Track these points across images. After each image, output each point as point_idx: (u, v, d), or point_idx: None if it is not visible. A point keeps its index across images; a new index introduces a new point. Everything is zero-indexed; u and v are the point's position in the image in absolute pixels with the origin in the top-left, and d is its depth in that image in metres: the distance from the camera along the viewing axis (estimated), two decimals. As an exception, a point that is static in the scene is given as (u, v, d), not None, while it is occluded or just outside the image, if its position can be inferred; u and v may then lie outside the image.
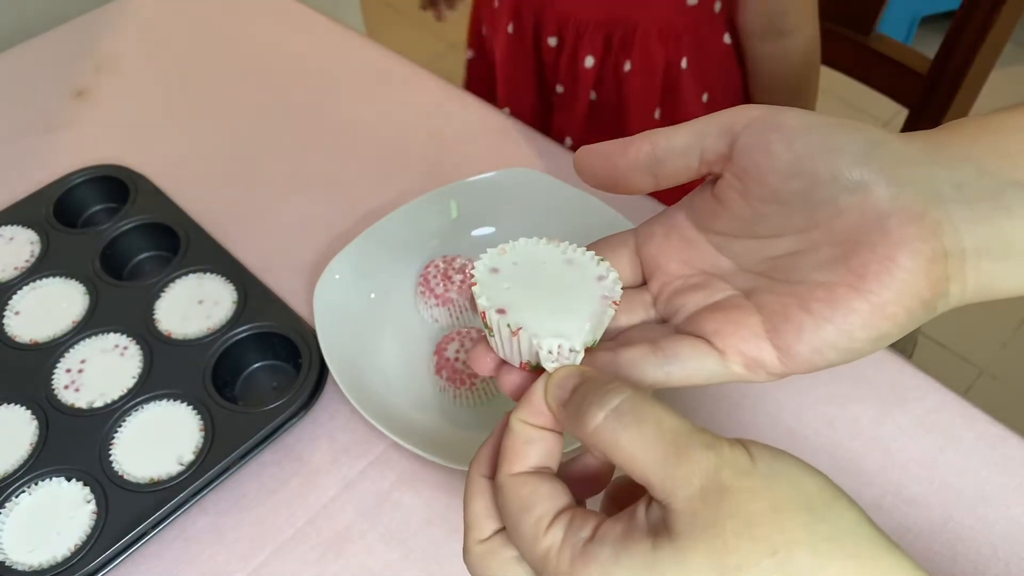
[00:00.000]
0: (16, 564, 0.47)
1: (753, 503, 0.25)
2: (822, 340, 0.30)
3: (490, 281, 0.32)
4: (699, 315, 0.33)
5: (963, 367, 1.46)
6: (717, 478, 0.25)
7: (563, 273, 0.33)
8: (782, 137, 0.30)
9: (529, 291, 0.32)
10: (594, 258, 0.33)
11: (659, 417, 0.27)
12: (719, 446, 0.26)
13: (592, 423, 0.27)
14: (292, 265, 0.64)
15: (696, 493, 0.25)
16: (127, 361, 0.56)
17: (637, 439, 0.27)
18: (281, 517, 0.51)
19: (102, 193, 0.70)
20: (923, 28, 1.92)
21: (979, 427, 0.53)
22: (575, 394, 0.29)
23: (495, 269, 0.33)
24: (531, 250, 0.33)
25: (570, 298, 0.32)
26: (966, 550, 0.48)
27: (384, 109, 0.78)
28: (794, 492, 0.26)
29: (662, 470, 0.26)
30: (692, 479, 0.25)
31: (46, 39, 0.88)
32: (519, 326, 0.30)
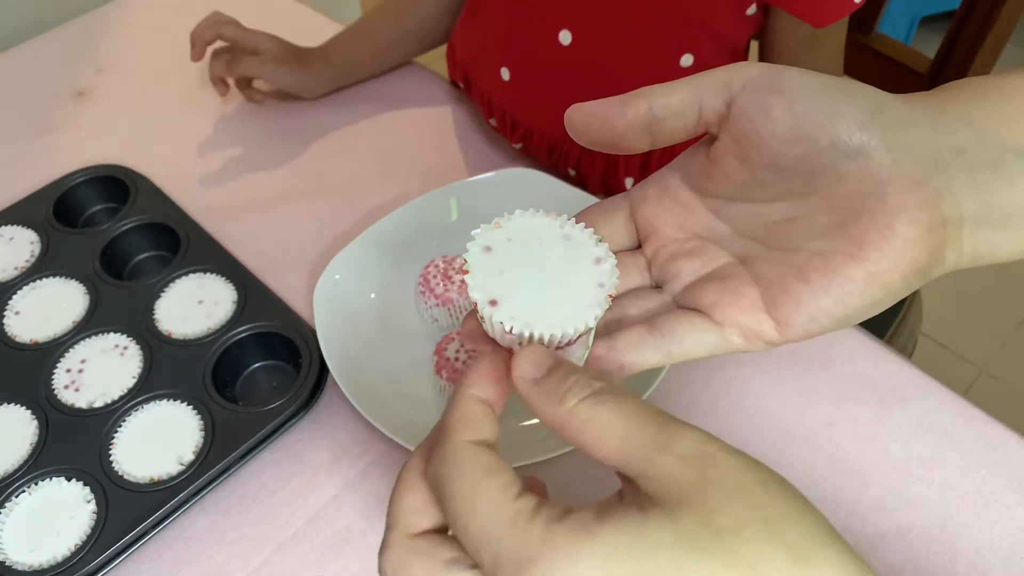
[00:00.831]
0: (16, 564, 0.47)
1: (739, 474, 0.24)
2: (819, 309, 0.30)
3: (483, 264, 0.31)
4: (696, 286, 0.33)
5: (963, 367, 1.46)
6: (703, 447, 0.25)
7: (560, 254, 0.31)
8: (782, 100, 0.29)
9: (523, 276, 0.31)
10: (592, 236, 0.31)
11: (639, 400, 0.27)
12: (697, 428, 0.25)
13: (571, 401, 0.26)
14: (292, 265, 0.64)
15: (680, 458, 0.24)
16: (127, 361, 0.56)
17: (617, 412, 0.26)
18: (281, 517, 0.51)
19: (102, 193, 0.70)
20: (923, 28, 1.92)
21: (979, 427, 0.53)
22: (552, 374, 0.28)
23: (488, 248, 0.31)
24: (527, 224, 0.32)
25: (565, 286, 0.30)
26: (966, 550, 0.48)
27: (384, 109, 0.78)
28: (778, 481, 0.25)
29: (641, 441, 0.25)
30: (675, 446, 0.24)
31: (46, 39, 0.88)
32: (511, 323, 0.29)
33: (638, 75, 0.67)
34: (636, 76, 0.67)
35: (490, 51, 0.72)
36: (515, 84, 0.71)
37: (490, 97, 0.74)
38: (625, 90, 0.67)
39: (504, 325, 0.29)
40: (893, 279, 0.29)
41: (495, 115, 0.74)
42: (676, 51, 0.65)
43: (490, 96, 0.74)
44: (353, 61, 0.79)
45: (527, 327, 0.29)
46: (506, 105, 0.73)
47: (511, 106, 0.72)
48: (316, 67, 0.77)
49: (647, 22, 0.63)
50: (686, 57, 0.66)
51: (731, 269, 0.32)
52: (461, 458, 0.26)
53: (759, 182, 0.31)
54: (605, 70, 0.67)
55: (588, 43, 0.65)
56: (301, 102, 0.78)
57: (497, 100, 0.73)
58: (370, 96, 0.80)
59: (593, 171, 0.73)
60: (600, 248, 0.31)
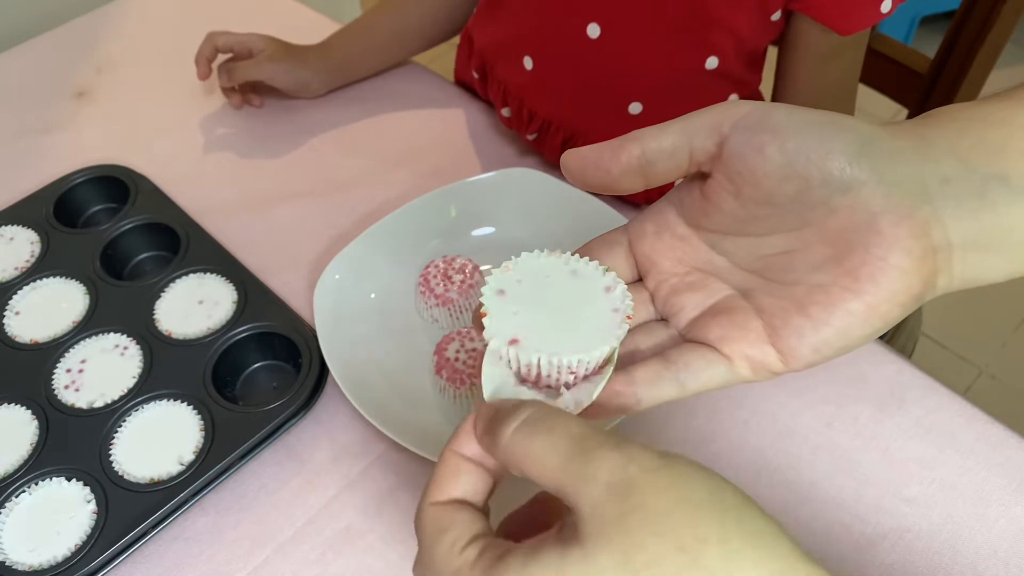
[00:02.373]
0: (16, 564, 0.47)
1: (660, 497, 0.25)
2: (821, 341, 0.31)
3: (499, 307, 0.32)
4: (702, 320, 0.34)
5: (963, 367, 1.46)
6: (624, 474, 0.25)
7: (570, 288, 0.32)
8: (774, 139, 0.30)
9: (539, 313, 0.31)
10: (598, 268, 0.33)
11: (567, 424, 0.27)
12: (627, 446, 0.26)
13: (504, 436, 0.28)
14: (292, 265, 0.64)
15: (602, 490, 0.25)
16: (127, 361, 0.56)
17: (545, 444, 0.27)
18: (281, 517, 0.51)
19: (102, 193, 0.70)
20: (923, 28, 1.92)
21: (979, 427, 0.53)
22: (492, 420, 0.29)
23: (501, 291, 0.32)
24: (534, 264, 0.33)
25: (581, 316, 0.31)
26: (966, 550, 0.48)
27: (384, 109, 0.78)
28: (707, 493, 0.25)
29: (570, 471, 0.26)
30: (599, 475, 0.25)
31: (46, 39, 0.88)
32: (536, 355, 0.30)
33: (663, 76, 0.68)
34: (661, 77, 0.68)
35: (515, 39, 0.71)
36: (537, 74, 0.71)
37: (507, 86, 0.74)
38: (649, 90, 0.68)
39: (533, 360, 0.30)
40: (890, 308, 0.30)
41: (511, 105, 0.74)
42: (702, 53, 0.65)
43: (508, 85, 0.74)
44: (353, 57, 0.79)
45: (554, 356, 0.30)
46: (524, 95, 0.72)
47: (530, 96, 0.72)
48: (314, 63, 0.76)
49: (675, 21, 0.63)
50: (711, 60, 0.66)
51: (733, 302, 0.33)
52: (423, 520, 0.29)
53: (754, 217, 0.32)
54: (630, 67, 0.67)
55: (616, 38, 0.65)
56: (301, 102, 0.78)
57: (515, 90, 0.73)
58: (370, 96, 0.79)
59: None
60: (608, 277, 0.32)
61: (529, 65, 0.71)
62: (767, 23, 0.64)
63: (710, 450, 0.52)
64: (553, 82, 0.71)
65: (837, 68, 0.68)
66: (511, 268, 0.33)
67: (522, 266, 0.33)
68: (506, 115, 0.75)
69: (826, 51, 0.66)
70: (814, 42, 0.65)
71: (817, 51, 0.66)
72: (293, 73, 0.75)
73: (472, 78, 0.80)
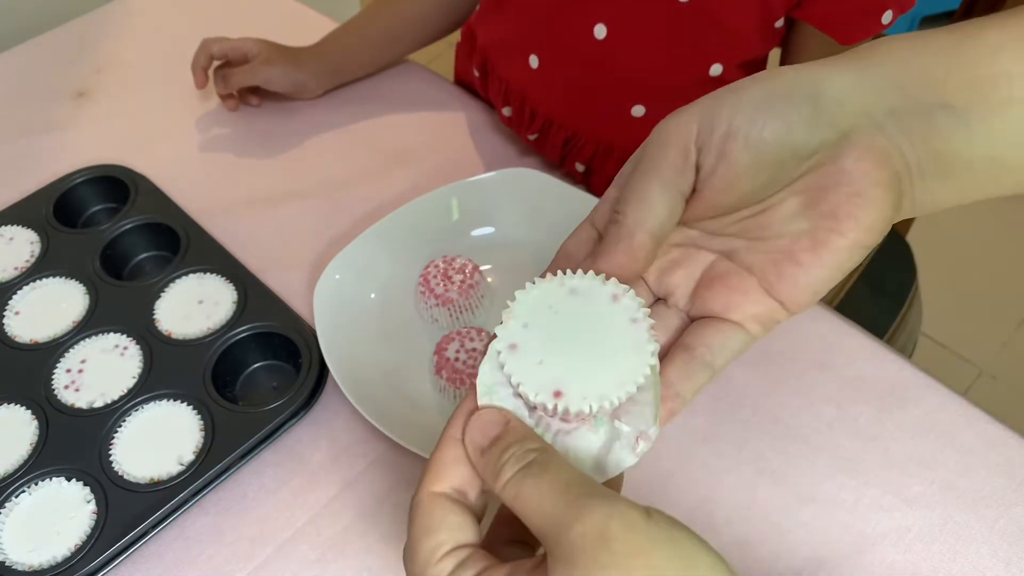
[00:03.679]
0: (16, 564, 0.47)
1: (632, 559, 0.25)
2: (816, 281, 0.32)
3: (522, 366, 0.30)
4: (699, 294, 0.34)
5: (963, 367, 1.46)
6: (603, 527, 0.25)
7: (579, 311, 0.31)
8: (735, 141, 0.30)
9: (564, 356, 0.30)
10: (594, 277, 0.32)
11: (563, 471, 0.27)
12: (615, 500, 0.26)
13: (505, 476, 0.28)
14: (292, 265, 0.64)
15: (579, 538, 0.25)
16: (127, 361, 0.56)
17: (535, 487, 0.27)
18: (281, 517, 0.51)
19: (102, 193, 0.70)
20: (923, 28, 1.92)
21: (979, 427, 0.53)
22: (495, 445, 0.29)
23: (514, 345, 0.31)
24: (532, 300, 0.31)
25: (607, 342, 0.30)
26: (966, 550, 0.48)
27: (384, 109, 0.78)
28: (680, 562, 0.25)
29: (553, 516, 0.26)
30: (578, 524, 0.25)
31: (46, 39, 0.88)
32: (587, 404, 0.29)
33: (667, 80, 0.68)
34: (665, 81, 0.68)
35: (520, 37, 0.71)
36: (543, 72, 0.71)
37: (510, 85, 0.74)
38: (653, 94, 0.68)
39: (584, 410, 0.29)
40: (871, 237, 0.31)
41: (512, 104, 0.74)
42: (706, 59, 0.65)
43: (510, 84, 0.74)
44: (349, 56, 0.79)
45: (604, 400, 0.29)
46: (527, 93, 0.72)
47: (533, 95, 0.72)
48: (309, 64, 0.76)
49: (681, 25, 0.63)
50: (715, 67, 0.66)
51: (721, 266, 0.34)
52: (416, 511, 0.29)
53: (731, 208, 0.33)
54: (635, 70, 0.67)
55: (622, 40, 0.65)
56: (301, 102, 0.78)
57: (518, 88, 0.73)
58: (370, 96, 0.79)
59: (604, 169, 0.73)
60: (609, 285, 0.31)
61: (535, 64, 0.71)
62: (770, 30, 0.65)
63: (710, 450, 0.52)
64: (557, 81, 0.71)
65: None
66: (513, 315, 0.31)
67: (521, 308, 0.31)
68: (507, 114, 0.75)
69: None
70: (816, 50, 0.66)
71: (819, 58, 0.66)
72: (289, 76, 0.75)
73: (472, 76, 0.79)
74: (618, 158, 0.72)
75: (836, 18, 0.61)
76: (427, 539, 0.28)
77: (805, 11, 0.62)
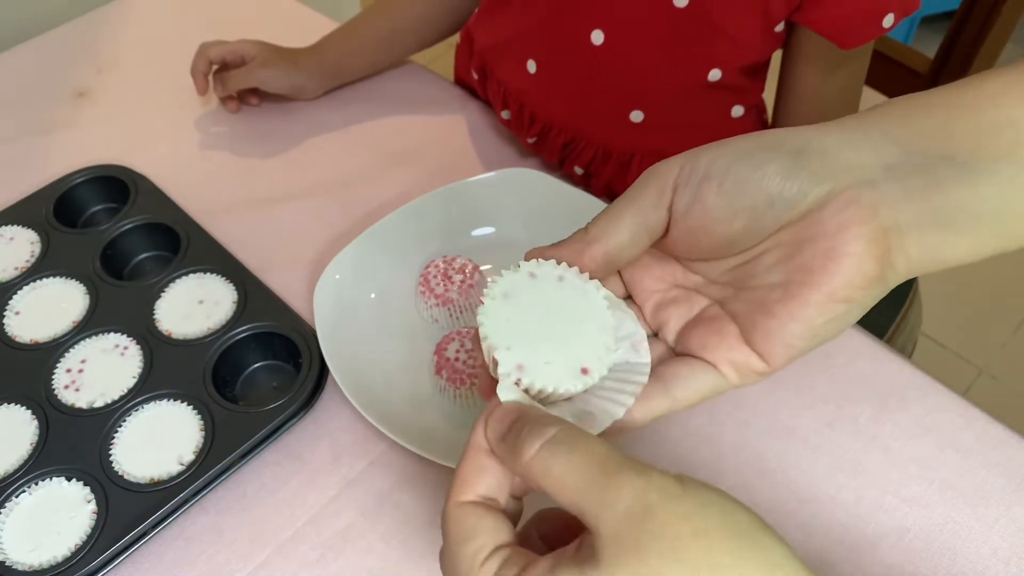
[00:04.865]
0: (16, 564, 0.47)
1: (679, 525, 0.25)
2: (790, 335, 0.32)
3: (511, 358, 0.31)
4: (685, 332, 0.35)
5: (963, 367, 1.46)
6: (644, 499, 0.25)
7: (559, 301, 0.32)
8: (710, 185, 0.31)
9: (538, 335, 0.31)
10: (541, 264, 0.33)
11: (590, 446, 0.27)
12: (649, 472, 0.26)
13: (528, 454, 0.28)
14: (292, 265, 0.64)
15: (622, 514, 0.25)
16: (127, 361, 0.56)
17: (567, 465, 0.27)
18: (281, 517, 0.51)
19: (102, 193, 0.70)
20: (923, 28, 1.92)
21: (979, 427, 0.53)
22: (512, 428, 0.29)
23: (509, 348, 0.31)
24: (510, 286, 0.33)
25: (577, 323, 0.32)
26: (966, 550, 0.48)
27: (384, 109, 0.78)
28: (722, 519, 0.26)
29: (590, 494, 0.26)
30: (618, 501, 0.25)
31: (46, 39, 0.88)
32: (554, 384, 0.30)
33: (665, 86, 0.68)
34: (663, 87, 0.68)
35: (518, 41, 0.71)
36: (540, 77, 0.71)
37: (508, 88, 0.74)
38: (651, 99, 0.69)
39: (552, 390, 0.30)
40: (850, 293, 0.30)
41: (511, 107, 0.74)
42: (705, 64, 0.65)
43: (508, 87, 0.74)
44: (347, 58, 0.79)
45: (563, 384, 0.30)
46: (525, 97, 0.72)
47: (531, 99, 0.72)
48: (308, 66, 0.76)
49: (679, 31, 0.63)
50: (714, 72, 0.65)
51: (712, 311, 0.35)
52: (447, 520, 0.29)
53: (713, 252, 0.33)
54: (633, 76, 0.67)
55: (619, 46, 0.65)
56: (301, 102, 0.78)
57: (516, 92, 0.73)
58: (370, 96, 0.79)
59: (602, 173, 0.73)
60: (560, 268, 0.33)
61: (532, 68, 0.71)
62: (770, 34, 0.64)
63: (710, 450, 0.52)
64: (555, 86, 0.71)
65: (840, 79, 0.68)
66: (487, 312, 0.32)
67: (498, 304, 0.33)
68: (506, 117, 0.75)
69: (829, 62, 0.66)
70: (817, 53, 0.65)
71: (820, 63, 0.66)
72: (287, 77, 0.75)
73: (472, 78, 0.79)
74: (617, 162, 0.72)
75: (837, 23, 0.61)
76: (466, 546, 0.28)
77: (805, 16, 0.62)
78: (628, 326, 0.33)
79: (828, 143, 0.30)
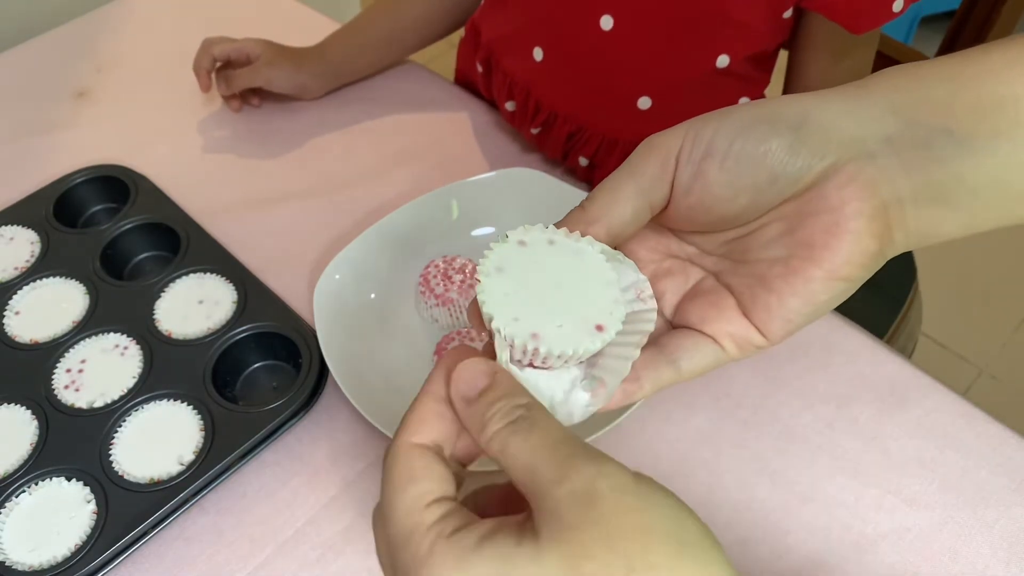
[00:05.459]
0: (16, 564, 0.47)
1: (622, 517, 0.24)
2: (790, 310, 0.32)
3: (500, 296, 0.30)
4: (683, 305, 0.35)
5: (963, 367, 1.46)
6: (592, 485, 0.25)
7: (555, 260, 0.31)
8: (712, 162, 0.31)
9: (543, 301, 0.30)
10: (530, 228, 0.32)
11: (551, 428, 0.27)
12: (604, 460, 0.26)
13: (491, 430, 0.28)
14: (292, 265, 0.64)
15: (567, 495, 0.25)
16: (127, 361, 0.56)
17: (523, 444, 0.27)
18: (281, 517, 0.51)
19: (102, 193, 0.70)
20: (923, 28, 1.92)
21: (979, 427, 0.53)
22: (482, 399, 0.29)
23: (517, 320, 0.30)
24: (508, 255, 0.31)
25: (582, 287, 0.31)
26: (966, 550, 0.48)
27: (384, 109, 0.78)
28: (668, 522, 0.25)
29: (540, 473, 0.26)
30: (566, 482, 0.25)
31: (46, 39, 0.88)
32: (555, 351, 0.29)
33: (674, 72, 0.68)
34: (672, 73, 0.68)
35: (525, 29, 0.72)
36: (547, 65, 0.71)
37: (514, 78, 0.74)
38: (659, 85, 0.68)
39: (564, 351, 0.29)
40: (851, 270, 0.30)
41: (516, 98, 0.74)
42: (713, 50, 0.65)
43: (514, 77, 0.74)
44: (350, 57, 0.79)
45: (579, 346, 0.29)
46: (532, 87, 0.73)
47: (537, 88, 0.72)
48: (311, 65, 0.77)
49: (688, 16, 0.63)
50: (722, 58, 0.66)
51: (708, 283, 0.35)
52: (395, 460, 0.28)
53: (713, 226, 0.33)
54: (641, 62, 0.67)
55: (629, 31, 0.65)
56: (302, 102, 0.78)
57: (522, 81, 0.73)
58: (370, 96, 0.80)
59: (608, 163, 0.74)
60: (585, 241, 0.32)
61: (539, 56, 0.71)
62: (779, 21, 0.64)
63: (710, 450, 0.52)
64: (562, 73, 0.71)
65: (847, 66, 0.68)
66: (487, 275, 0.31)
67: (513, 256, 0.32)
68: (510, 109, 0.75)
69: (837, 49, 0.66)
70: (825, 40, 0.66)
71: (828, 49, 0.66)
72: (291, 77, 0.76)
73: (475, 74, 0.79)
74: (622, 152, 0.72)
75: (847, 6, 0.61)
76: (412, 487, 0.27)
77: (814, 1, 0.62)
78: (629, 275, 0.32)
79: (829, 115, 0.30)
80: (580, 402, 0.31)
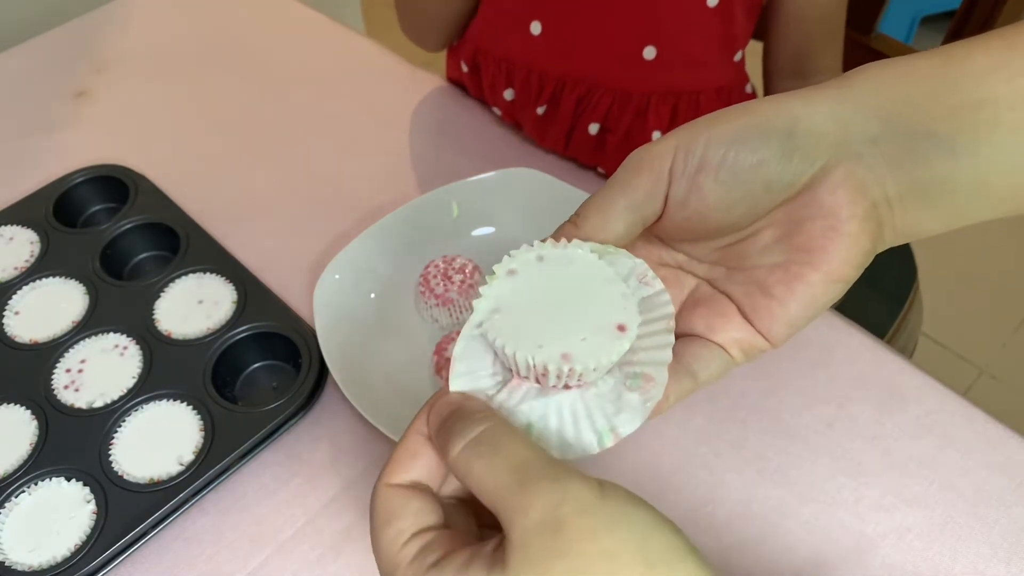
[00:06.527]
0: (16, 564, 0.47)
1: (586, 543, 0.25)
2: (791, 315, 0.32)
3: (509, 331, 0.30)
4: (684, 314, 0.35)
5: (963, 367, 1.46)
6: (556, 512, 0.25)
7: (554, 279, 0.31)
8: (707, 176, 0.31)
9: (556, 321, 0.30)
10: (555, 244, 0.32)
11: (514, 448, 0.27)
12: (567, 480, 0.26)
13: (453, 452, 0.28)
14: (292, 265, 0.64)
15: (533, 526, 0.25)
16: (127, 361, 0.56)
17: (487, 467, 0.27)
18: (281, 517, 0.51)
19: (102, 193, 0.70)
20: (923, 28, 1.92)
21: (979, 427, 0.53)
22: (443, 424, 0.29)
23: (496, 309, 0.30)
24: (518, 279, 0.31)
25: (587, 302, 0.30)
26: (966, 550, 0.48)
27: (384, 109, 0.78)
28: (635, 542, 0.25)
29: (505, 500, 0.26)
30: (531, 511, 0.25)
31: (46, 39, 0.88)
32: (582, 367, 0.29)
33: (673, 15, 0.68)
34: (671, 15, 0.68)
35: (517, 8, 0.72)
36: (547, 36, 0.71)
37: (513, 62, 0.74)
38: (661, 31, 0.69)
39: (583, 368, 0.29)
40: (847, 271, 0.31)
41: (516, 81, 0.74)
42: None
43: (513, 60, 0.74)
44: None
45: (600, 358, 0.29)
46: (533, 62, 0.73)
47: (540, 61, 0.73)
48: None
49: None
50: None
51: (705, 291, 0.35)
52: (374, 503, 0.30)
53: (705, 236, 0.33)
54: (641, 9, 0.68)
55: None
56: (301, 102, 0.78)
57: (522, 61, 0.73)
58: (370, 96, 0.80)
59: (619, 126, 0.74)
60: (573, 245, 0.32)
61: (537, 30, 0.71)
62: None
63: (710, 450, 0.52)
64: (565, 39, 0.71)
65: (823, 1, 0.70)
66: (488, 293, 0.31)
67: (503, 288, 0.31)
68: (508, 98, 0.75)
69: (803, 69, 0.69)
70: None
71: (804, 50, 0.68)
72: None
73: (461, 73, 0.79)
74: (634, 110, 0.72)
75: None
76: (389, 527, 0.28)
77: None
78: (625, 264, 0.32)
79: (817, 119, 0.30)
80: (633, 404, 0.30)
